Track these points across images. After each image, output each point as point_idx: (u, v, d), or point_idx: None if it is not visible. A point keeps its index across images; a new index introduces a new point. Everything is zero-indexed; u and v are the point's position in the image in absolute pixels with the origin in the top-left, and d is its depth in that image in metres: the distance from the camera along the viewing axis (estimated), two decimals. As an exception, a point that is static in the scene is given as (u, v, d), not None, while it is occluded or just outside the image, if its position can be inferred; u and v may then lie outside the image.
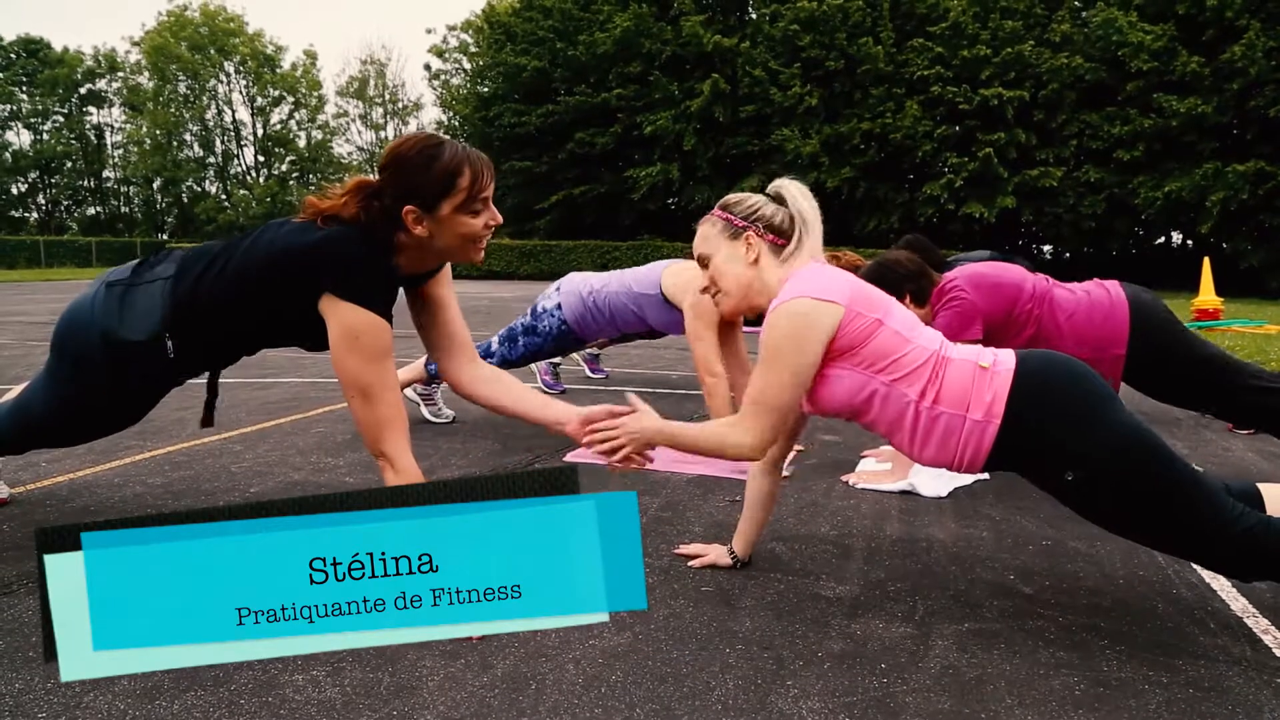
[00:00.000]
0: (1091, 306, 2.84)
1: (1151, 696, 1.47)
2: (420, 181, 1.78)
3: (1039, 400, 1.64)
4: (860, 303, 1.70)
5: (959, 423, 1.66)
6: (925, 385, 1.67)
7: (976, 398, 1.65)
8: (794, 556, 2.16)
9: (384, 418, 1.80)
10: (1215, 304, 8.69)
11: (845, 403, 1.73)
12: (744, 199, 1.89)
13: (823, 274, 1.75)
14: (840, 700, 1.44)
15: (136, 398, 2.13)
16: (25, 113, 45.86)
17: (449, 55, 41.01)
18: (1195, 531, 1.59)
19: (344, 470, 2.95)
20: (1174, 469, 1.59)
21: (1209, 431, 3.87)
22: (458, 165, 1.79)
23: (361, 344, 1.77)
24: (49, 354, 2.10)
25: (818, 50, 25.91)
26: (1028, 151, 24.17)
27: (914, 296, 2.91)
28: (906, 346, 1.69)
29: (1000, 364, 1.68)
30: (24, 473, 2.83)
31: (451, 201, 1.80)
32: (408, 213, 1.79)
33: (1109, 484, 1.60)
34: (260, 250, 1.86)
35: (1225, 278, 15.78)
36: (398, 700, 1.42)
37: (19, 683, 1.46)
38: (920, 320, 2.87)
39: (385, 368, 1.80)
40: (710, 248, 1.88)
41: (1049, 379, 1.66)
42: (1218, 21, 21.64)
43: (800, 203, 1.86)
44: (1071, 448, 1.61)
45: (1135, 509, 1.61)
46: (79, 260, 34.34)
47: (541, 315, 3.70)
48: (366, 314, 1.78)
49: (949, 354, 1.71)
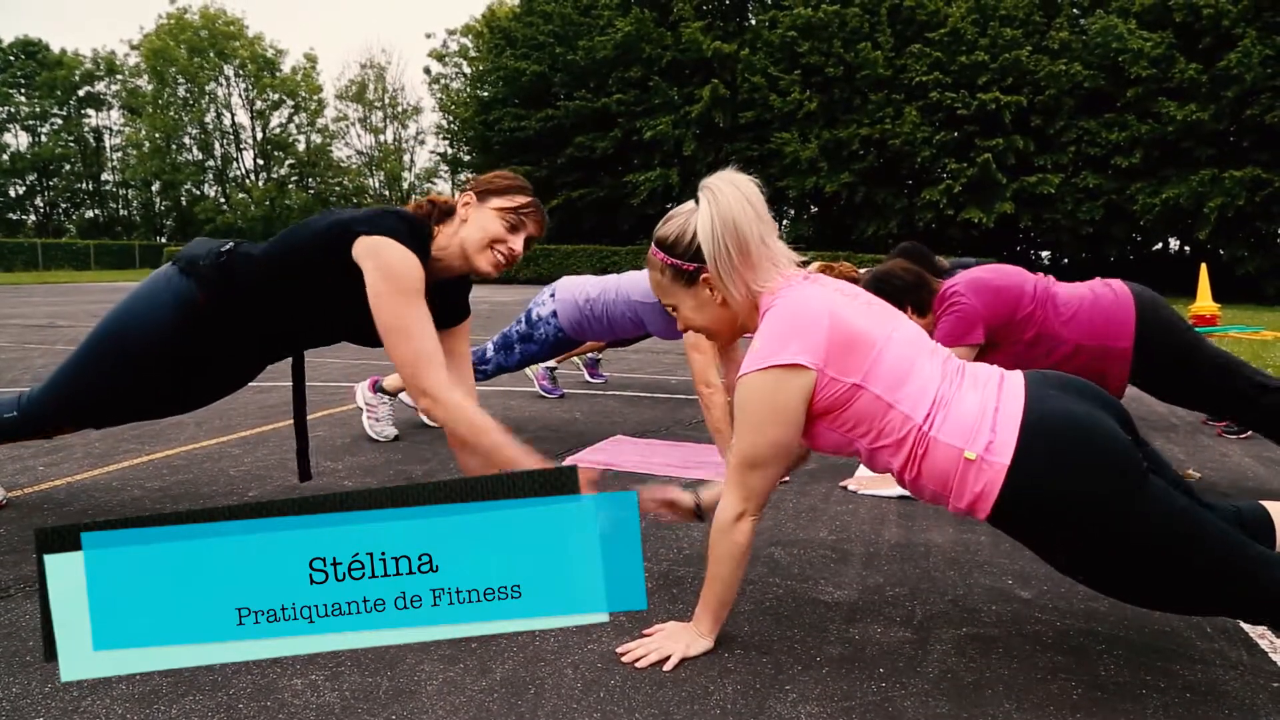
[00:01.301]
0: (1095, 302, 2.83)
1: (1149, 701, 1.47)
2: (492, 180, 2.11)
3: (1036, 503, 1.41)
4: (836, 363, 1.47)
5: (944, 500, 1.50)
6: (906, 460, 1.49)
7: (959, 489, 1.45)
8: (792, 561, 2.16)
9: (422, 353, 1.90)
10: (1212, 310, 8.70)
11: (834, 451, 1.59)
12: (682, 230, 1.58)
13: (793, 314, 1.50)
14: (839, 705, 1.44)
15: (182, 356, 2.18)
16: (23, 115, 45.87)
17: (449, 59, 41.11)
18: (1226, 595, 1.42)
19: (343, 474, 2.95)
20: (1205, 548, 1.39)
21: (1205, 437, 3.87)
22: (525, 190, 2.12)
23: (394, 275, 1.90)
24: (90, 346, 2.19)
25: (816, 56, 25.99)
26: (1026, 157, 24.25)
27: (915, 308, 2.91)
28: (887, 415, 1.47)
29: (992, 452, 1.41)
30: (21, 476, 2.83)
31: (501, 200, 2.07)
32: (464, 195, 2.09)
33: (1129, 584, 1.45)
34: (311, 225, 2.07)
35: (1222, 284, 15.83)
36: (396, 704, 1.42)
37: (16, 687, 1.46)
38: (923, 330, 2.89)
39: (420, 305, 1.93)
40: (670, 298, 1.65)
41: (1051, 476, 1.39)
42: (1215, 29, 21.73)
43: (707, 227, 1.51)
44: (1079, 558, 1.44)
45: (1157, 598, 1.47)
46: (77, 263, 34.32)
47: (537, 324, 3.67)
48: (400, 247, 1.92)
49: (935, 433, 1.45)
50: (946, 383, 1.51)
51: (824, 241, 26.55)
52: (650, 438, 3.71)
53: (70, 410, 2.24)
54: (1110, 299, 2.82)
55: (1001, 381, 1.52)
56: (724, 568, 1.60)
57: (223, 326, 2.13)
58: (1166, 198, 22.25)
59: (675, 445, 3.55)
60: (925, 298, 2.92)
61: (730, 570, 1.60)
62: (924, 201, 25.07)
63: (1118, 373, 2.79)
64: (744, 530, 1.57)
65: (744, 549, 1.58)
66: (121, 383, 2.17)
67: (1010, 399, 1.47)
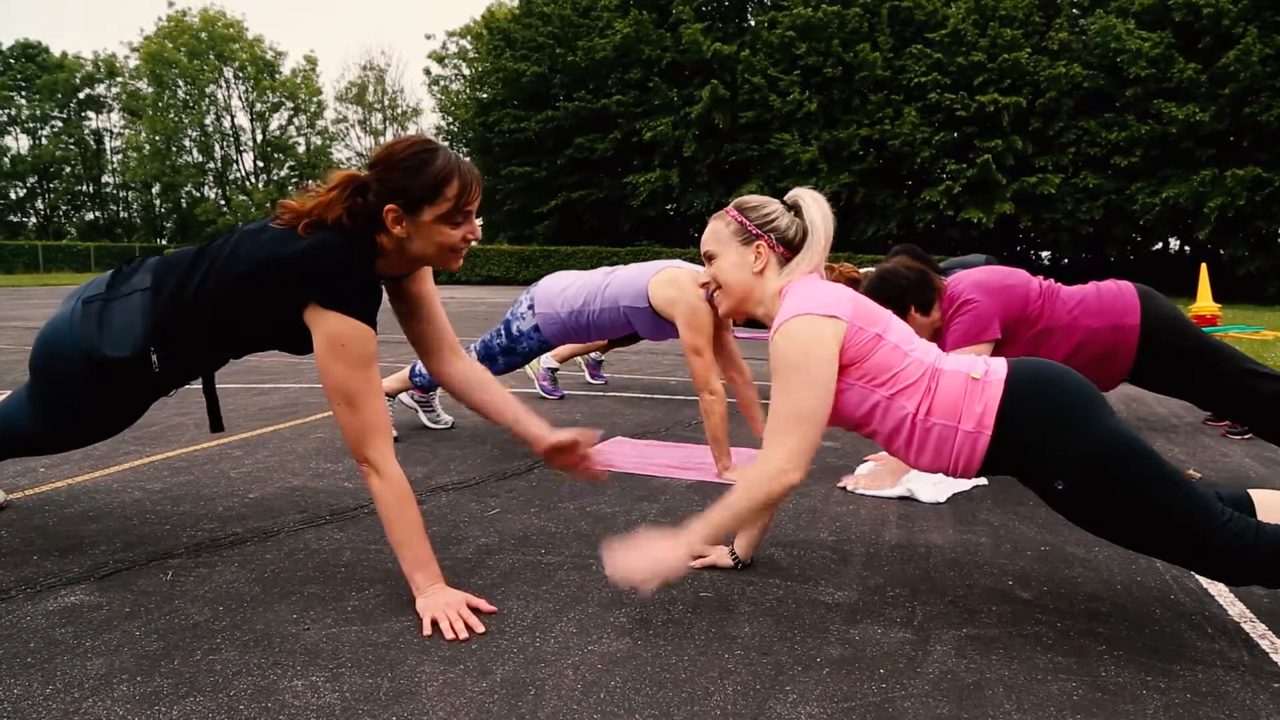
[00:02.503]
0: (1099, 290, 2.93)
1: (1149, 701, 1.47)
2: (407, 183, 1.79)
3: (1027, 409, 1.66)
4: (861, 317, 1.72)
5: (951, 433, 1.69)
6: (921, 398, 1.70)
7: (968, 409, 1.67)
8: (793, 562, 2.16)
9: (369, 424, 1.81)
10: (1213, 310, 8.70)
11: (849, 415, 1.76)
12: (762, 204, 1.86)
13: (820, 289, 1.76)
14: (839, 706, 1.45)
15: (123, 409, 2.13)
16: (24, 117, 45.89)
17: (448, 61, 41.11)
18: (1184, 536, 1.61)
19: (343, 475, 2.95)
20: (1162, 474, 1.61)
21: (1206, 437, 3.87)
22: (447, 174, 1.80)
23: (347, 351, 1.78)
24: (29, 374, 2.08)
25: (815, 57, 26.01)
26: (1026, 158, 24.27)
27: (919, 306, 2.91)
28: (905, 360, 1.71)
29: (991, 374, 1.70)
30: (22, 478, 2.83)
31: (435, 209, 1.80)
32: (388, 211, 1.80)
33: (1097, 489, 1.62)
34: (241, 259, 1.84)
35: (1223, 284, 15.83)
36: (397, 705, 1.42)
37: (18, 689, 1.46)
38: (926, 329, 2.91)
39: (370, 375, 1.81)
40: (719, 248, 1.88)
41: (1037, 386, 1.68)
42: (1214, 29, 21.73)
43: (814, 217, 1.83)
44: (1060, 455, 1.63)
45: (1123, 514, 1.63)
46: (77, 265, 34.35)
47: (519, 338, 3.54)
48: (351, 322, 1.79)
49: (942, 365, 1.73)
50: (937, 351, 1.79)
51: (824, 242, 26.50)
52: (650, 439, 3.71)
53: (11, 447, 2.19)
54: (1112, 287, 2.93)
55: None
56: (746, 505, 1.70)
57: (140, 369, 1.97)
58: (1166, 197, 22.25)
59: (674, 446, 3.55)
60: (929, 296, 2.92)
61: (751, 510, 1.72)
62: (924, 202, 25.08)
63: (1123, 356, 2.83)
64: (785, 484, 1.68)
65: (776, 500, 1.71)
66: (60, 429, 2.10)
67: (994, 359, 1.78)
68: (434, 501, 2.66)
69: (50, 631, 1.68)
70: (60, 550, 2.15)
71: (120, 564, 2.06)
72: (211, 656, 1.58)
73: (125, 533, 2.30)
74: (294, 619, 1.76)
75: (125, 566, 2.04)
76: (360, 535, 2.31)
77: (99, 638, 1.66)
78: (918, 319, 2.91)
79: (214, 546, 2.20)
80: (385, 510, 1.82)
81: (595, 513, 2.55)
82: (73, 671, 1.52)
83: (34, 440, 2.16)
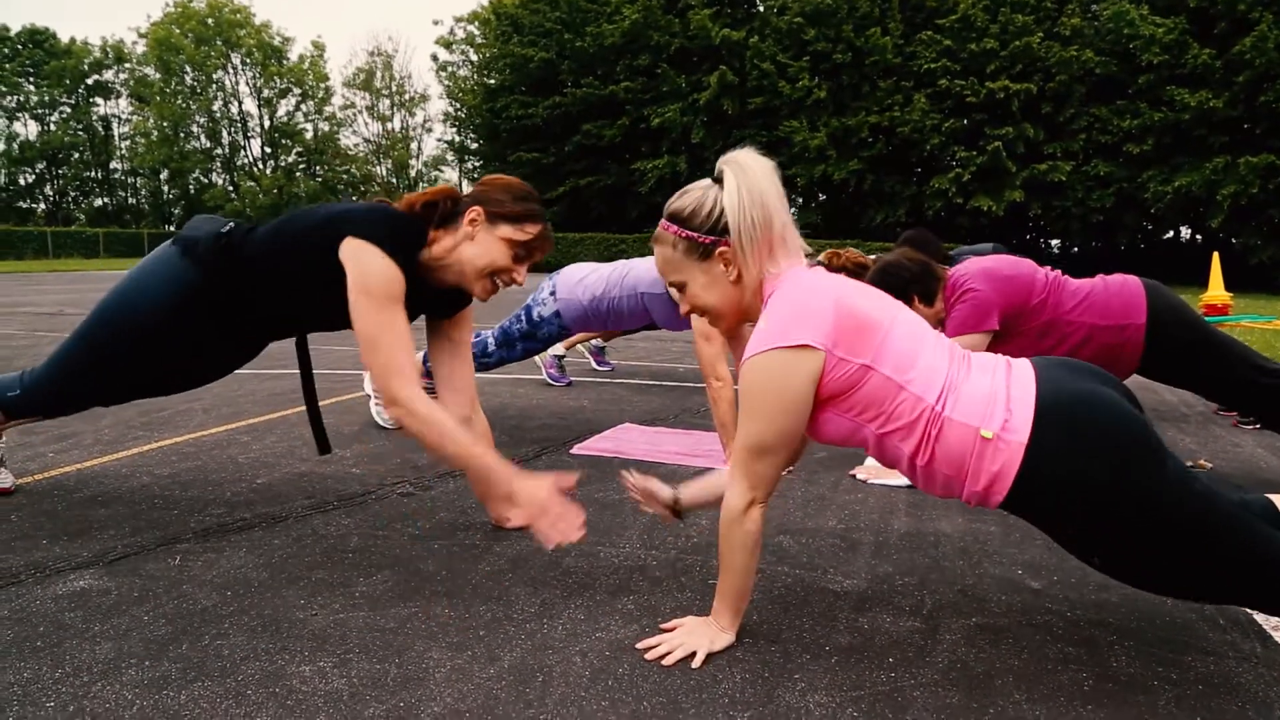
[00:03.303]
0: (1105, 286, 2.89)
1: (1161, 693, 1.46)
2: (503, 199, 2.00)
3: (1055, 481, 1.39)
4: (844, 343, 1.44)
5: (959, 486, 1.47)
6: (919, 443, 1.45)
7: (975, 470, 1.43)
8: (801, 550, 2.16)
9: (392, 364, 1.86)
10: (1224, 299, 8.63)
11: (842, 442, 1.55)
12: (700, 203, 1.54)
13: (799, 298, 1.47)
14: (848, 694, 1.44)
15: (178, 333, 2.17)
16: (32, 104, 45.97)
17: (456, 47, 40.99)
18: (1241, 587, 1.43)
19: (350, 462, 2.95)
20: (1223, 533, 1.37)
21: (1217, 427, 3.84)
22: (538, 216, 2.02)
23: (371, 283, 1.87)
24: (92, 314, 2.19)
25: (825, 43, 25.86)
26: (1036, 145, 24.12)
27: (921, 297, 2.90)
28: (899, 397, 1.44)
29: (1009, 431, 1.40)
30: (31, 463, 2.84)
31: (512, 230, 1.99)
32: (472, 209, 1.97)
33: (1144, 564, 1.43)
34: (302, 217, 2.05)
35: (1235, 273, 15.69)
36: (405, 691, 1.42)
37: (27, 672, 1.46)
38: (929, 319, 2.88)
39: (394, 316, 1.89)
40: (680, 274, 1.59)
41: (1070, 451, 1.37)
42: (1229, 14, 21.51)
43: (730, 201, 1.50)
44: (1096, 536, 1.42)
45: (1175, 581, 1.45)
46: (86, 251, 34.46)
47: (540, 323, 3.61)
48: (380, 255, 1.88)
49: (949, 412, 1.43)
50: (954, 366, 1.49)
51: (832, 229, 26.47)
52: (658, 425, 3.70)
53: (71, 388, 2.25)
54: (1119, 282, 2.89)
55: (1009, 366, 1.51)
56: (737, 558, 1.56)
57: (221, 307, 2.13)
58: (1179, 185, 22.09)
59: (683, 433, 3.54)
60: (932, 287, 2.91)
61: (744, 560, 1.56)
62: (933, 189, 24.96)
63: (1130, 354, 2.81)
64: (754, 518, 1.53)
65: (755, 537, 1.55)
66: (121, 361, 2.18)
67: (1020, 381, 1.45)
68: (441, 488, 2.66)
69: (59, 616, 1.69)
70: (69, 535, 2.15)
71: (129, 549, 2.06)
72: (219, 641, 1.59)
73: (134, 518, 2.31)
74: (301, 604, 1.76)
75: (134, 551, 2.05)
76: (368, 521, 2.31)
77: (107, 622, 1.66)
78: (921, 310, 2.89)
79: (222, 532, 2.21)
80: (431, 439, 1.86)
81: (603, 499, 2.55)
82: (81, 655, 1.52)
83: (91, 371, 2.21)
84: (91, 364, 2.20)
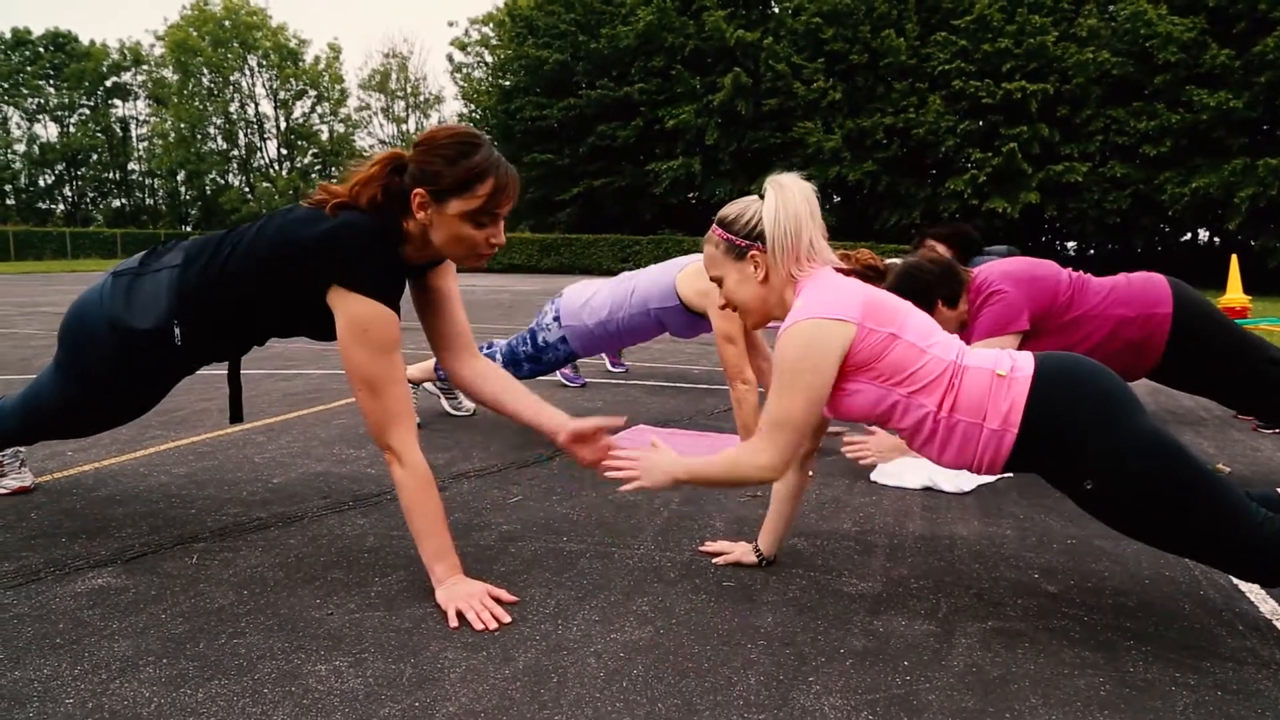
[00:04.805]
0: (1130, 280, 2.90)
1: (1178, 698, 1.45)
2: (441, 170, 1.75)
3: (1055, 406, 1.62)
4: (872, 318, 1.67)
5: (976, 431, 1.66)
6: (943, 395, 1.66)
7: (993, 407, 1.64)
8: (816, 553, 2.15)
9: (390, 411, 1.78)
10: (1243, 302, 8.54)
11: (866, 413, 1.73)
12: (742, 212, 1.80)
13: (832, 286, 1.71)
14: (863, 698, 1.43)
15: (145, 387, 2.14)
16: (52, 106, 46.42)
17: (471, 48, 41.05)
18: (1217, 537, 1.58)
19: (366, 461, 2.96)
20: (1194, 472, 1.58)
21: (1236, 431, 3.81)
22: (483, 171, 1.76)
23: (369, 336, 1.75)
24: (57, 347, 2.13)
25: (840, 44, 25.77)
26: (1052, 147, 23.93)
27: (945, 300, 2.88)
28: (923, 358, 1.67)
29: (1018, 370, 1.66)
30: (50, 461, 2.87)
31: (463, 203, 1.77)
32: (416, 194, 1.77)
33: (1126, 489, 1.59)
34: (267, 238, 1.84)
35: (1253, 275, 15.54)
36: (420, 691, 1.43)
37: (47, 669, 1.48)
38: (952, 322, 2.87)
39: (392, 360, 1.79)
40: (719, 270, 1.84)
41: (1066, 382, 1.64)
42: (1250, 13, 21.28)
43: (767, 213, 1.74)
44: (1088, 454, 1.60)
45: (1154, 515, 1.60)
46: (105, 251, 34.77)
47: (545, 349, 3.54)
48: (375, 305, 1.75)
49: (966, 362, 1.69)
50: (961, 343, 1.76)
51: (847, 231, 26.34)
52: (673, 427, 3.70)
53: (38, 427, 2.22)
54: (1143, 277, 2.91)
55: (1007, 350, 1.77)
56: (722, 477, 1.79)
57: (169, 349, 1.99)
58: (1196, 187, 21.86)
59: (698, 435, 3.54)
60: (956, 289, 2.90)
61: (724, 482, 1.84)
62: (948, 191, 24.81)
63: (1154, 345, 2.80)
64: (763, 479, 1.76)
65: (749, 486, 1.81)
66: (84, 405, 2.13)
67: (1020, 354, 1.73)
68: (456, 489, 2.67)
69: (78, 613, 1.70)
70: (88, 533, 2.18)
71: (146, 547, 2.08)
72: (236, 640, 1.60)
73: (151, 516, 2.33)
74: (317, 604, 1.77)
75: (151, 550, 2.07)
76: (383, 521, 2.32)
77: (126, 620, 1.68)
78: (944, 313, 2.88)
79: (238, 531, 2.22)
80: (407, 498, 1.80)
81: (618, 500, 2.55)
82: (100, 653, 1.54)
83: (57, 416, 2.17)
84: (55, 407, 2.15)
